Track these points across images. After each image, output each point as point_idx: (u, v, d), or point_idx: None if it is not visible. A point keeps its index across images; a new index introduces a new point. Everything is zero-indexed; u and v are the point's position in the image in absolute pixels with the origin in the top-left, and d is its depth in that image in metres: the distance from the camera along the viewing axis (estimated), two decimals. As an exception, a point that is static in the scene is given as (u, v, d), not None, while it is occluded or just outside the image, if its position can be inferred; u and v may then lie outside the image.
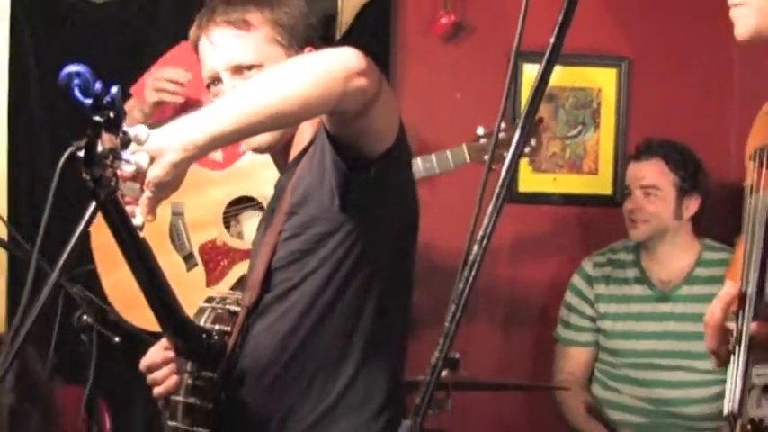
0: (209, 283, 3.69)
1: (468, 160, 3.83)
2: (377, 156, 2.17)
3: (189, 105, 3.59)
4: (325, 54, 2.09)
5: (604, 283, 4.24)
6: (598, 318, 4.22)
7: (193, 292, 3.43)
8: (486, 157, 1.46)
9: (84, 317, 2.76)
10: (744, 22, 2.20)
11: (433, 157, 3.86)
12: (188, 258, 3.73)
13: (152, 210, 1.93)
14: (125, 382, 3.79)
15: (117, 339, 2.55)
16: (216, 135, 1.96)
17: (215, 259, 3.71)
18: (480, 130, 3.83)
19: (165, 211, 3.65)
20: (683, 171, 4.10)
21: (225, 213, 3.71)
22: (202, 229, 3.72)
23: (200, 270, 3.71)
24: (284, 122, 2.17)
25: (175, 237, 3.73)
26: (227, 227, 3.71)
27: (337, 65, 2.03)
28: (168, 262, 3.65)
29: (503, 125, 3.58)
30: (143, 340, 2.74)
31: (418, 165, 3.80)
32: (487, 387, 4.15)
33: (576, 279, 4.31)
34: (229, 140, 2.05)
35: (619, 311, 4.19)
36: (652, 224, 4.10)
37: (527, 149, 3.90)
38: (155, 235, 3.61)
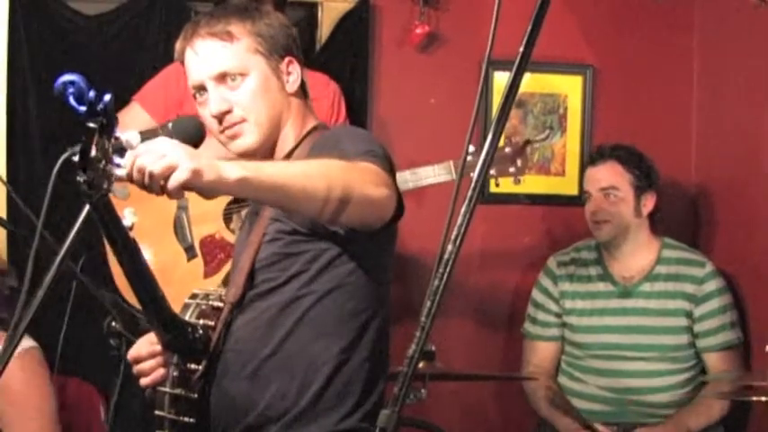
0: (206, 275, 3.70)
1: (453, 177, 3.80)
2: (377, 229, 2.22)
3: None
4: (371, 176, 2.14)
5: (569, 280, 4.24)
6: (564, 313, 4.22)
7: (191, 282, 3.44)
8: (473, 174, 1.45)
9: (114, 324, 2.69)
10: None
11: (420, 170, 3.83)
12: (189, 250, 3.74)
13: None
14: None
15: None
16: (239, 178, 1.89)
17: (213, 252, 3.71)
18: (471, 148, 3.81)
19: (171, 203, 3.65)
20: (638, 170, 4.10)
21: (225, 210, 3.72)
22: (204, 223, 3.72)
23: (198, 261, 3.72)
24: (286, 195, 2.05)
25: (179, 229, 3.73)
26: (228, 223, 3.72)
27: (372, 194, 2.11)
28: (170, 251, 3.68)
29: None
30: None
31: (406, 177, 3.78)
32: (461, 378, 4.15)
33: (542, 277, 4.31)
34: (250, 191, 1.99)
35: (584, 307, 4.19)
36: (615, 223, 4.09)
37: (512, 169, 3.89)
38: (160, 225, 3.64)
